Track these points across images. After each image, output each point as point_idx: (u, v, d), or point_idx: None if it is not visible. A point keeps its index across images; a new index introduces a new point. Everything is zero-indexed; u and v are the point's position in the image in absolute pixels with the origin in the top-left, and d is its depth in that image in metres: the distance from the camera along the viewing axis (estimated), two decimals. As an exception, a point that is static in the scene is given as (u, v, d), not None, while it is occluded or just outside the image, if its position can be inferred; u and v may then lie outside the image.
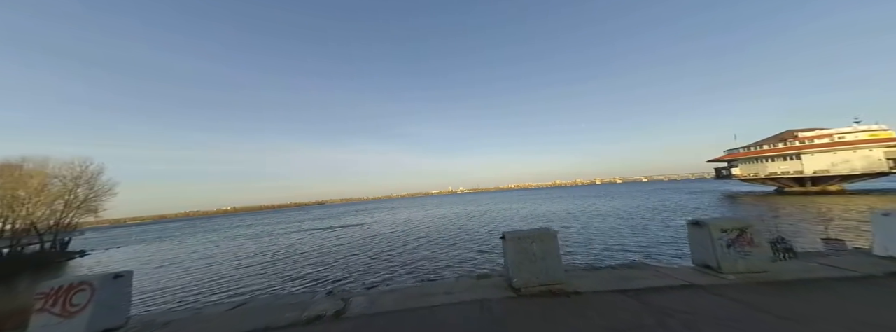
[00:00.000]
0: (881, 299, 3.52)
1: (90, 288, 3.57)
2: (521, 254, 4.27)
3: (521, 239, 4.32)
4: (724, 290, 3.96)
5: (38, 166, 32.50)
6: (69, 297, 3.52)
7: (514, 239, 4.31)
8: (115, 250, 33.75)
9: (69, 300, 3.51)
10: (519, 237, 4.33)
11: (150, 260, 22.81)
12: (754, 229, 4.54)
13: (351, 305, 4.15)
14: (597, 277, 4.80)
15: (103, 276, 3.75)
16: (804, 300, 3.57)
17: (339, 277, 11.74)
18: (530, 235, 4.36)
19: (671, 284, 4.24)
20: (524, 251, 4.29)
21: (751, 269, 4.39)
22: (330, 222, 43.76)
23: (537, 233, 4.40)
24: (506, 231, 4.50)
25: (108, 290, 3.70)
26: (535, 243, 4.30)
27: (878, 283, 4.00)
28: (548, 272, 4.23)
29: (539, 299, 3.95)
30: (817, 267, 4.71)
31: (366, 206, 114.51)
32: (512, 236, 4.35)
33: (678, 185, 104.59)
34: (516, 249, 4.27)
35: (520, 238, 4.32)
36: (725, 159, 47.93)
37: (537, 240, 4.32)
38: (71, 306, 3.48)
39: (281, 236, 29.32)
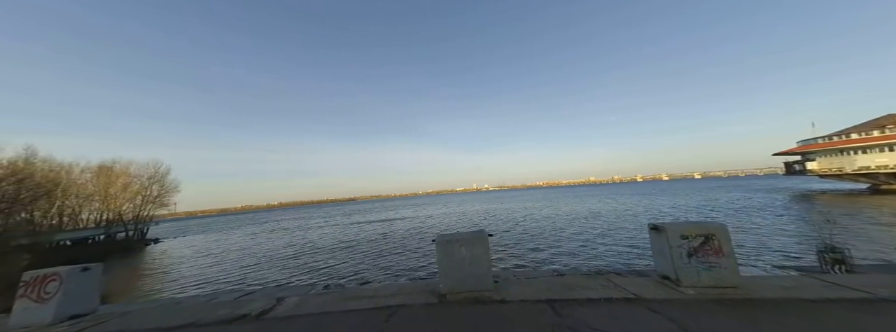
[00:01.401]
0: (874, 329, 2.69)
1: (59, 279, 3.96)
2: (449, 258, 3.97)
3: (449, 243, 4.01)
4: (669, 307, 3.31)
5: (124, 168, 39.46)
6: (44, 286, 3.92)
7: (443, 243, 4.01)
8: (180, 239, 39.33)
9: (43, 288, 3.91)
10: (447, 241, 4.03)
11: (198, 249, 25.81)
12: (724, 235, 3.75)
13: (281, 305, 4.09)
14: (536, 285, 4.28)
15: (71, 269, 4.13)
16: (760, 327, 2.83)
17: (335, 272, 12.01)
18: (460, 238, 4.04)
19: (612, 296, 3.67)
20: (452, 256, 3.98)
21: (717, 283, 3.65)
22: (356, 217, 46.08)
23: (467, 236, 4.07)
24: (438, 234, 4.22)
25: (76, 281, 4.06)
26: (464, 247, 3.98)
27: (883, 309, 3.03)
28: (476, 278, 3.90)
29: (459, 306, 3.63)
30: (818, 285, 3.74)
31: (392, 203, 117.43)
32: (442, 239, 4.05)
33: (740, 182, 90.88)
34: (445, 253, 3.98)
35: (448, 242, 4.02)
36: (798, 152, 40.35)
37: (467, 244, 3.99)
38: (44, 293, 3.90)
39: (309, 231, 31.60)
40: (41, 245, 23.61)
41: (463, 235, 4.13)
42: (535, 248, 13.63)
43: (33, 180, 23.91)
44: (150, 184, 38.55)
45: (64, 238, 28.12)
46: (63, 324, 3.87)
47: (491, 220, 27.73)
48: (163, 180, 39.84)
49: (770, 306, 3.28)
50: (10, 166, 20.37)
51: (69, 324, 3.87)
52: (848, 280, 3.85)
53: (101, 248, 29.56)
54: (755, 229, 14.74)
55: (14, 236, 18.77)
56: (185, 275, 14.79)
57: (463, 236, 4.07)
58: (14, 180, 19.49)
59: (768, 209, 22.58)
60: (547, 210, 33.56)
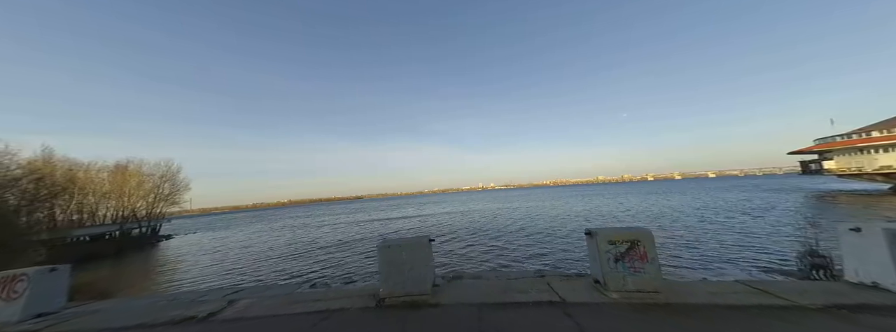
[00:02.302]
0: None
1: (27, 279, 4.16)
2: (390, 263, 4.03)
3: (390, 248, 4.08)
4: (584, 310, 3.38)
5: (137, 167, 41.28)
6: (12, 285, 4.14)
7: (384, 248, 4.09)
8: (191, 236, 40.77)
9: (12, 287, 4.12)
10: (388, 246, 4.10)
11: (205, 246, 26.42)
12: (649, 241, 3.79)
13: (231, 307, 4.17)
14: (478, 288, 4.35)
15: (39, 269, 4.33)
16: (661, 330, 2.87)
17: (324, 272, 12.08)
18: (401, 243, 4.11)
19: (541, 299, 3.73)
20: (393, 261, 4.04)
21: (641, 288, 3.70)
22: (359, 216, 46.75)
23: (408, 242, 4.14)
24: (383, 239, 4.53)
25: (43, 281, 4.27)
26: (405, 251, 4.04)
27: (791, 316, 3.04)
28: (414, 283, 3.96)
29: (393, 310, 3.71)
30: (745, 291, 3.72)
31: (397, 201, 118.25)
32: (383, 245, 4.13)
33: (756, 181, 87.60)
34: (386, 258, 4.04)
35: (389, 247, 4.09)
36: (815, 150, 38.47)
37: (408, 249, 4.06)
38: (13, 292, 4.11)
39: (311, 229, 32.32)
40: (60, 241, 25.16)
41: (404, 240, 4.21)
42: (514, 248, 13.67)
43: (52, 178, 25.47)
44: (162, 182, 40.14)
45: (82, 234, 29.76)
46: (28, 322, 4.05)
47: (485, 219, 27.66)
48: (174, 178, 41.34)
49: (684, 310, 3.30)
50: (28, 165, 21.72)
51: (34, 322, 4.05)
52: (777, 287, 3.83)
53: (116, 243, 31.12)
54: (751, 231, 14.19)
55: (35, 232, 20.12)
56: (185, 272, 15.29)
57: (404, 242, 4.15)
58: (33, 178, 20.82)
59: (772, 211, 21.67)
60: (544, 210, 33.06)
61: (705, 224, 17.25)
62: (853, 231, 3.62)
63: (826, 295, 3.37)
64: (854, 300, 3.20)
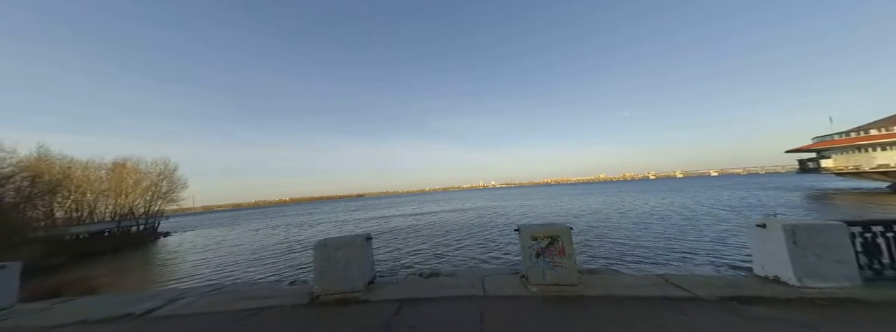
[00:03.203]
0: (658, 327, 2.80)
1: None
2: (325, 262, 4.09)
3: (327, 246, 4.14)
4: (494, 304, 3.51)
5: (135, 164, 41.90)
6: None
7: (321, 247, 4.16)
8: (189, 233, 41.21)
9: None
10: (325, 245, 4.16)
11: (199, 243, 26.48)
12: (567, 237, 3.94)
13: (171, 305, 4.22)
14: (411, 284, 4.44)
15: None
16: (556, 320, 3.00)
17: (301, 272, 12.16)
18: (337, 242, 4.18)
19: (461, 294, 3.84)
20: (329, 259, 4.10)
21: (558, 281, 3.86)
22: (357, 214, 47.27)
23: (344, 240, 4.21)
24: (320, 239, 4.30)
25: None
26: (340, 250, 4.11)
27: (686, 308, 3.20)
28: (348, 280, 4.04)
29: (324, 307, 3.78)
30: (659, 284, 3.90)
31: (397, 199, 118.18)
32: (320, 243, 4.19)
33: (758, 179, 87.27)
34: (322, 256, 4.11)
35: (325, 246, 4.15)
36: (813, 149, 38.28)
37: (343, 247, 4.13)
38: None
39: (307, 228, 32.53)
40: (58, 237, 25.75)
41: (340, 239, 4.28)
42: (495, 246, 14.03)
43: (51, 175, 26.00)
44: (160, 180, 40.74)
45: (80, 231, 30.39)
46: None
47: (471, 218, 28.00)
48: (171, 176, 41.96)
49: (591, 301, 3.44)
50: (22, 162, 22.14)
51: None
52: (686, 280, 3.94)
53: (114, 241, 31.75)
54: (738, 227, 14.47)
55: (31, 228, 20.66)
56: (174, 269, 15.49)
57: (340, 241, 4.22)
58: (27, 175, 21.28)
59: (764, 208, 21.97)
60: (535, 209, 33.03)
61: (677, 220, 18.07)
62: (759, 227, 3.76)
63: (727, 288, 3.52)
64: (749, 293, 3.36)
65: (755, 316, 2.89)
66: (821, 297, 3.16)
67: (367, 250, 4.40)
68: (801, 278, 3.38)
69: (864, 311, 2.90)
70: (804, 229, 3.42)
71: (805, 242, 3.40)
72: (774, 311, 2.98)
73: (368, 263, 4.38)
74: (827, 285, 3.30)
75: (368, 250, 4.45)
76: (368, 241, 4.46)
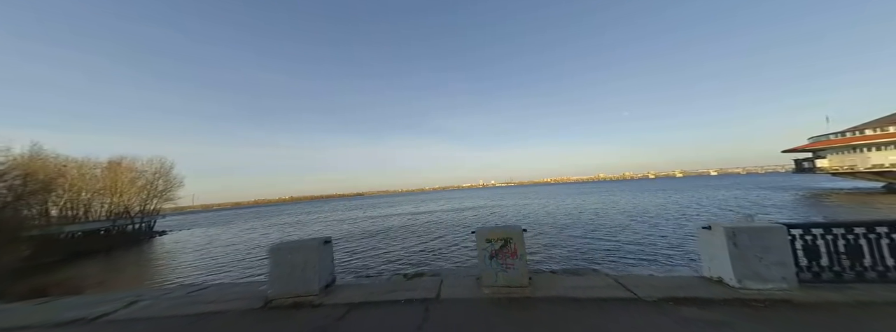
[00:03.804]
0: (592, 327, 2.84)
1: None
2: (280, 265, 4.05)
3: (282, 250, 4.10)
4: (443, 306, 3.50)
5: (130, 163, 42.05)
6: None
7: (276, 250, 4.12)
8: (185, 232, 41.35)
9: None
10: (279, 248, 4.12)
11: (194, 242, 26.57)
12: (519, 239, 3.96)
13: (127, 308, 4.16)
14: (367, 288, 4.43)
15: None
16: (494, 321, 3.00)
17: None
18: (292, 245, 4.15)
19: (413, 297, 3.83)
20: (284, 263, 4.06)
21: (510, 283, 3.88)
22: (355, 213, 47.19)
23: (300, 244, 4.17)
24: (274, 243, 4.26)
25: None
26: (295, 254, 4.07)
27: (620, 309, 3.24)
28: (303, 284, 4.00)
29: (275, 311, 3.75)
30: (605, 285, 3.94)
31: (396, 198, 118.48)
32: (275, 247, 4.16)
33: (757, 179, 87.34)
34: (277, 259, 4.07)
35: (280, 249, 4.11)
36: (810, 148, 38.25)
37: (299, 251, 4.09)
38: None
39: (302, 227, 32.69)
40: (53, 236, 25.89)
41: (296, 243, 4.24)
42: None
43: (44, 174, 26.09)
44: (155, 179, 40.88)
45: (75, 230, 30.53)
46: None
47: (472, 218, 28.23)
48: (167, 175, 42.08)
49: (536, 302, 3.45)
50: (16, 160, 22.16)
51: None
52: (633, 281, 3.98)
53: (110, 239, 31.91)
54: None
55: (22, 227, 20.75)
56: (163, 269, 15.42)
57: (295, 244, 4.19)
58: (19, 174, 21.33)
59: (752, 208, 22.03)
60: (532, 207, 33.41)
61: (659, 221, 18.37)
62: (705, 229, 3.81)
63: (670, 289, 3.57)
64: (688, 294, 3.42)
65: (684, 317, 2.95)
66: (757, 298, 3.22)
67: (325, 254, 4.36)
68: (740, 279, 3.44)
69: (793, 312, 2.96)
70: (745, 231, 3.48)
71: (746, 244, 3.46)
72: (704, 312, 3.04)
73: (326, 266, 4.35)
74: (765, 286, 3.36)
75: (327, 254, 4.41)
76: (327, 244, 4.42)
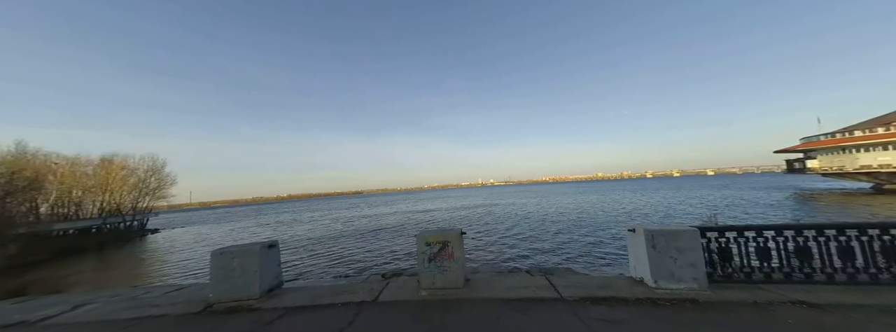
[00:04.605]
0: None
1: None
2: (221, 269, 4.03)
3: (223, 254, 4.09)
4: (375, 309, 3.56)
5: (122, 161, 42.06)
6: None
7: (217, 254, 4.11)
8: (178, 230, 41.41)
9: None
10: (221, 252, 4.11)
11: (185, 240, 26.55)
12: (457, 242, 4.03)
13: (75, 311, 4.13)
14: (311, 290, 4.43)
15: None
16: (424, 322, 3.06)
17: None
18: (234, 250, 4.14)
19: (351, 300, 3.86)
20: (225, 267, 4.04)
21: (446, 285, 3.96)
22: (353, 212, 46.74)
23: (241, 248, 4.17)
24: (216, 248, 4.26)
25: None
26: (236, 258, 4.06)
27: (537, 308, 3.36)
28: (242, 288, 4.01)
29: (213, 315, 3.74)
30: (538, 286, 4.10)
31: (394, 197, 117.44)
32: (217, 251, 4.15)
33: (752, 179, 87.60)
34: (218, 264, 4.06)
35: (222, 253, 4.10)
36: (801, 149, 38.55)
37: (240, 255, 4.08)
38: None
39: (297, 225, 32.48)
40: (43, 234, 26.01)
41: (237, 247, 4.23)
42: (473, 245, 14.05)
43: (31, 171, 26.16)
44: (148, 176, 40.91)
45: (65, 228, 30.65)
46: None
47: (466, 217, 28.49)
48: (160, 172, 42.13)
49: (466, 304, 3.52)
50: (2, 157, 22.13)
51: None
52: (563, 281, 4.12)
53: (100, 237, 32.00)
54: None
55: (13, 225, 20.88)
56: (148, 269, 15.32)
57: (236, 249, 4.17)
58: (4, 172, 21.33)
59: (739, 208, 22.35)
60: (528, 207, 33.69)
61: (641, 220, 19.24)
62: (631, 232, 3.97)
63: (594, 289, 3.71)
64: (607, 294, 3.58)
65: (590, 316, 3.09)
66: (667, 297, 3.40)
67: (269, 258, 4.36)
68: (656, 279, 3.62)
69: (693, 311, 3.13)
70: (662, 234, 3.64)
71: (663, 246, 3.63)
72: (611, 311, 3.21)
73: (271, 270, 4.35)
74: (678, 286, 3.55)
75: (271, 258, 4.41)
76: (272, 248, 4.43)
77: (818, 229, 3.56)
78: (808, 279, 3.48)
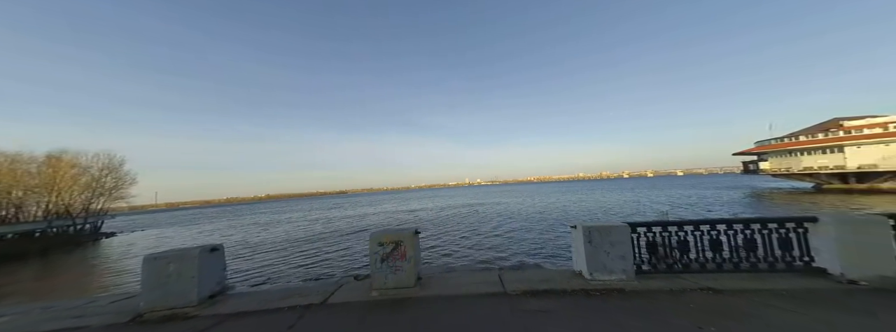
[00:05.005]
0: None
1: None
2: (155, 276, 3.75)
3: (157, 260, 3.81)
4: (321, 311, 3.48)
5: (74, 158, 38.57)
6: None
7: (151, 260, 3.83)
8: (137, 233, 38.34)
9: None
10: (155, 258, 3.84)
11: (144, 245, 24.11)
12: (410, 241, 4.01)
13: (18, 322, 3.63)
14: (258, 296, 4.26)
15: None
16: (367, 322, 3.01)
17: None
18: (169, 255, 3.87)
19: (298, 303, 3.73)
20: (158, 273, 3.75)
21: (398, 284, 3.93)
22: (332, 213, 46.24)
23: (176, 253, 3.91)
24: (149, 253, 3.99)
25: None
26: (172, 264, 3.80)
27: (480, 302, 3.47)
28: (179, 296, 3.76)
29: (145, 325, 3.51)
30: (486, 282, 4.19)
31: (378, 197, 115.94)
32: (149, 257, 3.88)
33: (716, 179, 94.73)
34: (151, 270, 3.78)
35: (155, 259, 3.84)
36: (755, 152, 42.17)
37: (175, 261, 3.82)
38: None
39: (272, 227, 30.92)
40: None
41: (171, 252, 3.95)
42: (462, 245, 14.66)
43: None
44: (102, 175, 37.83)
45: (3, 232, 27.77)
46: None
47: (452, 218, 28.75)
48: (117, 171, 39.03)
49: (413, 303, 3.54)
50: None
51: None
52: (512, 276, 4.29)
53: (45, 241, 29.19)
54: None
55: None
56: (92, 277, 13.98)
57: (171, 254, 3.88)
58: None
59: (697, 207, 24.18)
60: (511, 207, 34.17)
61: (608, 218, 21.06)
62: (573, 228, 4.22)
63: (535, 283, 3.87)
64: (547, 287, 3.78)
65: (523, 308, 3.22)
66: (598, 288, 3.68)
67: (211, 262, 4.13)
68: (592, 272, 3.90)
69: (618, 299, 3.37)
70: (597, 230, 3.94)
71: (598, 241, 3.93)
72: (543, 302, 3.40)
73: (211, 275, 4.11)
74: (610, 277, 3.85)
75: (212, 262, 4.16)
76: (214, 252, 4.19)
77: (728, 223, 3.99)
78: (719, 268, 3.89)
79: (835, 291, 3.29)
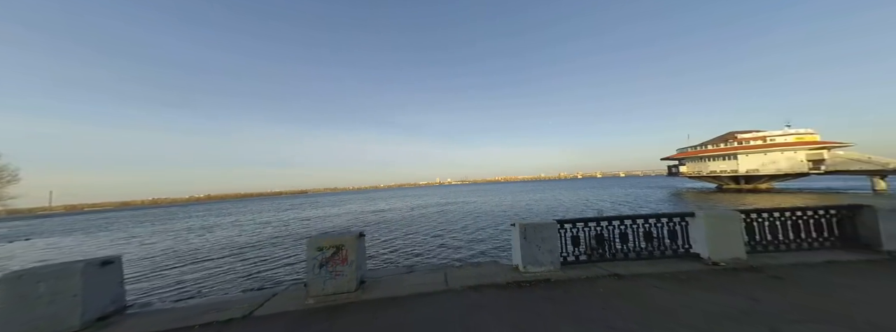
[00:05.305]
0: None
1: None
2: (16, 298, 3.15)
3: (22, 278, 3.17)
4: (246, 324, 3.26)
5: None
6: None
7: (14, 279, 3.23)
8: (19, 243, 30.35)
9: None
10: (19, 277, 3.22)
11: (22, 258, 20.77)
12: (352, 245, 3.94)
13: None
14: (174, 312, 3.83)
15: None
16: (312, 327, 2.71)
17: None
18: (39, 272, 3.23)
19: (220, 319, 3.45)
20: (23, 295, 3.13)
21: (337, 290, 3.82)
22: (287, 214, 42.76)
23: (49, 270, 3.32)
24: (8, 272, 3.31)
25: None
26: (43, 282, 3.19)
27: (429, 299, 3.56)
28: (55, 319, 3.21)
29: None
30: (435, 282, 4.51)
31: (344, 197, 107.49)
32: (10, 275, 3.25)
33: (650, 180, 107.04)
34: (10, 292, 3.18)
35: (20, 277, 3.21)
36: (677, 157, 49.93)
37: (48, 278, 3.22)
38: None
39: (212, 231, 27.94)
40: None
41: (46, 268, 3.29)
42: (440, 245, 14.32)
43: None
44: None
45: None
46: None
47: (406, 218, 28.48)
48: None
49: (353, 308, 3.48)
50: None
51: None
52: (464, 272, 4.84)
53: None
54: None
55: None
56: None
57: (45, 270, 3.23)
58: None
59: (633, 204, 27.74)
60: (470, 207, 34.68)
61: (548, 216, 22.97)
62: (513, 226, 4.53)
63: (476, 278, 4.01)
64: (487, 281, 3.98)
65: (466, 302, 3.41)
66: (529, 279, 4.08)
67: (102, 278, 3.53)
68: (525, 265, 4.34)
69: (543, 289, 3.76)
70: (532, 226, 4.40)
71: (532, 237, 4.41)
72: (480, 295, 3.63)
73: (103, 293, 3.53)
74: (540, 269, 4.34)
75: (106, 278, 3.59)
76: (106, 266, 3.60)
77: (633, 218, 4.77)
78: (625, 257, 4.61)
79: (703, 271, 4.14)
